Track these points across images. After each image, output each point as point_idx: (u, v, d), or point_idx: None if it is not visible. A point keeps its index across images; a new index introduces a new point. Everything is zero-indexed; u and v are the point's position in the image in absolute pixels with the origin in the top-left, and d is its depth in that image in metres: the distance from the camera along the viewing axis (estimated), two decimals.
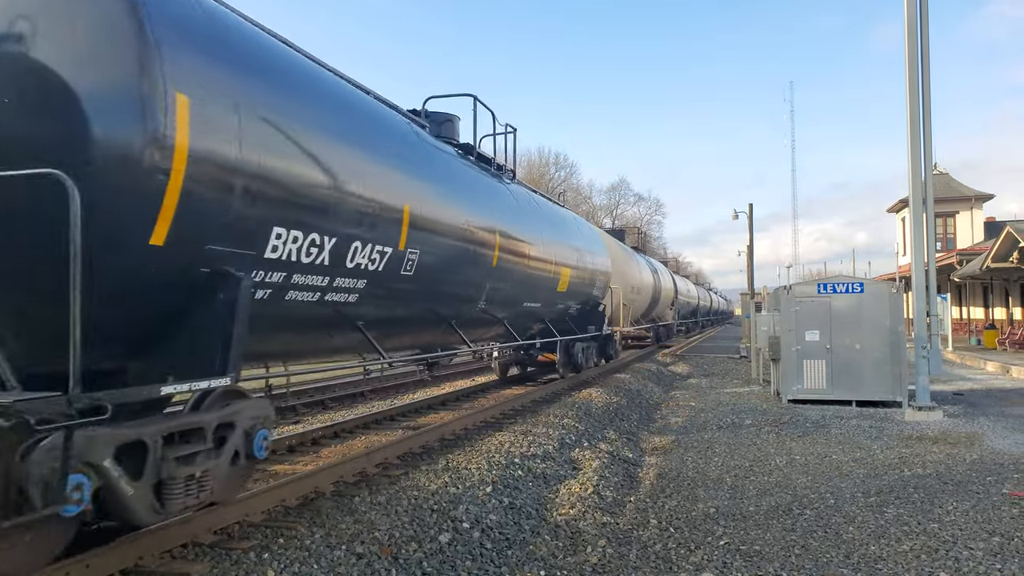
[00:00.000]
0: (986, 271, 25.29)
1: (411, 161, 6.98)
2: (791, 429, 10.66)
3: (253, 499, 5.37)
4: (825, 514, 6.44)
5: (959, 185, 40.07)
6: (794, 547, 5.62)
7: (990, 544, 5.59)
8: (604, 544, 5.65)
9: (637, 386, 15.35)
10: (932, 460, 8.54)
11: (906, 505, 6.67)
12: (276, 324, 5.43)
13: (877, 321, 12.63)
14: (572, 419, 10.33)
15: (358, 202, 5.68)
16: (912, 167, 12.15)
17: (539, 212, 11.41)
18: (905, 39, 12.09)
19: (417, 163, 7.10)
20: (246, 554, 4.54)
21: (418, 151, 7.29)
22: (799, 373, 13.03)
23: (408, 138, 7.20)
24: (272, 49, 5.32)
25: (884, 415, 11.76)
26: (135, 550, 4.29)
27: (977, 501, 6.76)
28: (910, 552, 5.45)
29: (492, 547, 5.43)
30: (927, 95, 12.17)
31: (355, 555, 4.77)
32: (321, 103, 5.64)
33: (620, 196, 74.37)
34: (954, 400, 13.72)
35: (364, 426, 9.64)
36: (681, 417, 12.22)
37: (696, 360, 24.24)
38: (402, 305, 7.25)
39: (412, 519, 5.53)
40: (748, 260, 37.60)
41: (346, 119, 5.96)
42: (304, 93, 5.42)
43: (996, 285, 31.56)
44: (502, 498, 6.40)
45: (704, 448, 9.45)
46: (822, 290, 13.08)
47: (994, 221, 37.96)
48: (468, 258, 8.18)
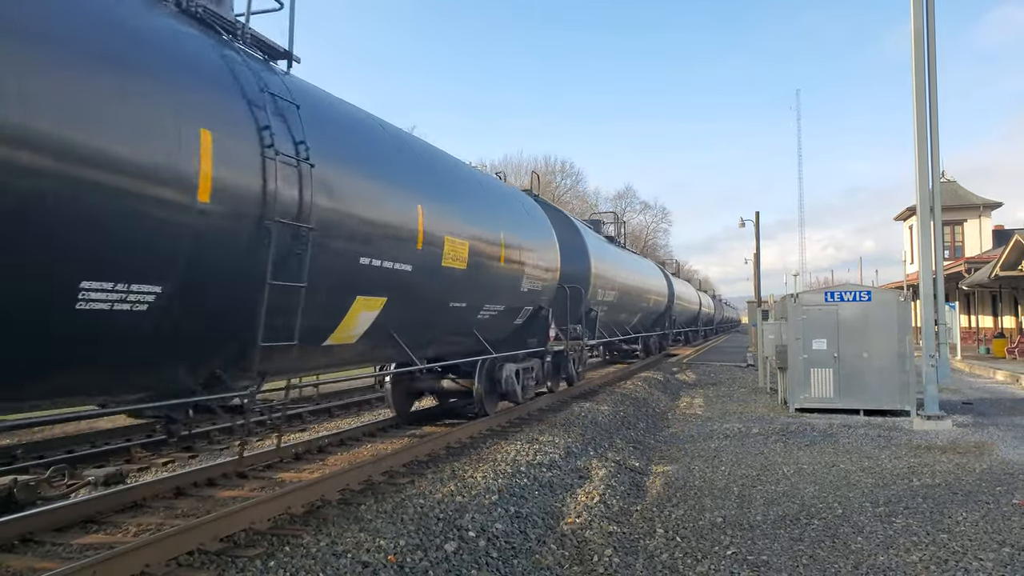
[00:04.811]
0: (995, 279, 25.15)
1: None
2: (798, 438, 10.60)
3: (259, 506, 5.38)
4: (833, 524, 6.40)
5: (967, 193, 39.91)
6: (802, 557, 5.58)
7: (1000, 555, 5.54)
8: (610, 553, 5.62)
9: (643, 395, 15.30)
10: (941, 470, 8.48)
11: (915, 515, 6.62)
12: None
13: (885, 330, 12.57)
14: (578, 428, 10.30)
15: None
16: (919, 175, 12.12)
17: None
18: (912, 47, 12.09)
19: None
20: (252, 561, 4.54)
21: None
22: (806, 382, 12.97)
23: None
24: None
25: (892, 424, 11.69)
26: (141, 557, 4.30)
27: (987, 511, 6.70)
28: (919, 563, 5.40)
29: (498, 556, 5.41)
30: (934, 103, 12.15)
31: (360, 563, 4.76)
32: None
33: (626, 204, 74.34)
34: (963, 409, 13.63)
35: (370, 434, 9.64)
36: (687, 426, 12.17)
37: (703, 368, 24.15)
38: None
39: (418, 527, 5.52)
40: (755, 268, 37.50)
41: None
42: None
43: (1005, 293, 31.36)
44: (508, 507, 6.38)
45: (711, 457, 9.41)
46: (829, 298, 13.03)
47: (1003, 229, 37.79)
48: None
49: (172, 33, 4.81)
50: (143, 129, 4.16)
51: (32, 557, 4.82)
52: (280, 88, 5.63)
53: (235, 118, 4.99)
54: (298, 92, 5.95)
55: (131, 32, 4.40)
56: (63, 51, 3.83)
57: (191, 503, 6.16)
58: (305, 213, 5.45)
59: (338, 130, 6.55)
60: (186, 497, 6.29)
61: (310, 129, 5.75)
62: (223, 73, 5.10)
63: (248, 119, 5.10)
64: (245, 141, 5.01)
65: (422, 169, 7.91)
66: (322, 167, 5.72)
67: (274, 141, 5.19)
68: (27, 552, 4.94)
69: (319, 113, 6.24)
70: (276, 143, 5.20)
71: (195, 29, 5.16)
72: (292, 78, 6.21)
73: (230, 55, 5.35)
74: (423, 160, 8.12)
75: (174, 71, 4.59)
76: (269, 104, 5.33)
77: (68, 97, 3.76)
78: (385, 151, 7.16)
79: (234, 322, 5.14)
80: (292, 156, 5.40)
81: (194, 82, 4.74)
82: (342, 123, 6.73)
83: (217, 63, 5.11)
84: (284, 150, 5.30)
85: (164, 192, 4.28)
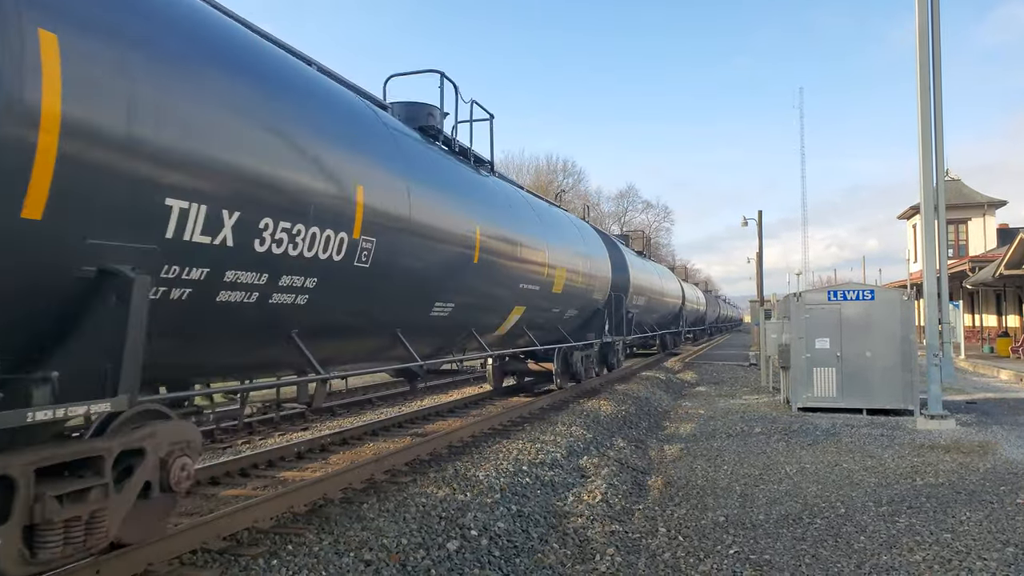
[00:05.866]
0: (999, 278, 25.09)
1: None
2: (801, 437, 10.59)
3: (262, 505, 5.39)
4: (836, 523, 6.39)
5: (971, 191, 39.83)
6: (804, 556, 5.58)
7: (1004, 555, 5.52)
8: (613, 552, 5.62)
9: (645, 394, 15.29)
10: (944, 469, 8.46)
11: (918, 515, 6.61)
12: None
13: (888, 329, 12.54)
14: (580, 427, 10.30)
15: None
16: (923, 173, 12.08)
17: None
18: (916, 45, 12.05)
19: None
20: (255, 560, 4.55)
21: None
22: (809, 381, 12.95)
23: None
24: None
25: (895, 424, 11.66)
26: (144, 556, 4.31)
27: (991, 511, 6.69)
28: (923, 562, 5.39)
29: (500, 555, 5.42)
30: (939, 101, 12.11)
31: (363, 562, 4.77)
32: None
33: (628, 203, 74.30)
34: (967, 409, 13.59)
35: (372, 433, 9.66)
36: (690, 425, 12.16)
37: (705, 368, 24.13)
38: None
39: (420, 526, 5.52)
40: (757, 267, 37.44)
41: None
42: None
43: (1009, 292, 31.28)
44: (510, 505, 6.39)
45: (713, 456, 9.40)
46: (832, 297, 13.00)
47: (1007, 228, 37.69)
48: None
49: (443, 157, 8.16)
50: (459, 224, 7.72)
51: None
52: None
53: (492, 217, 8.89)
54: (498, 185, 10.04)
55: (441, 165, 7.93)
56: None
57: (194, 502, 6.18)
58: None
59: (511, 208, 9.92)
60: (189, 496, 6.30)
61: (519, 210, 10.39)
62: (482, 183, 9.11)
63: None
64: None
65: (548, 224, 11.56)
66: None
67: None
68: None
69: (512, 198, 10.29)
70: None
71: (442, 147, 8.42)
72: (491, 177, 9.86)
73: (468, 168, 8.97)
74: (548, 218, 11.93)
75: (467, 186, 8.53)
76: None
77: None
78: (530, 217, 10.77)
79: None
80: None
81: (472, 189, 8.65)
82: (512, 201, 10.20)
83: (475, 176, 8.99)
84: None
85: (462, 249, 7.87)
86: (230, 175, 4.26)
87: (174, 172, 3.85)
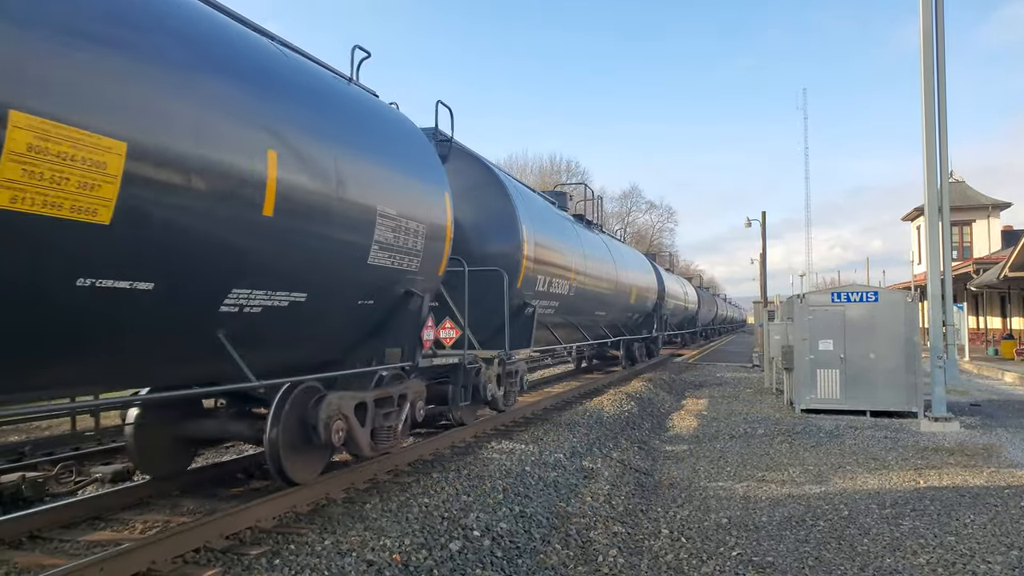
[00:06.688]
0: (1004, 280, 25.00)
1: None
2: (804, 439, 10.56)
3: (264, 505, 5.39)
4: (839, 526, 6.37)
5: (976, 193, 39.69)
6: (807, 559, 5.56)
7: (1008, 558, 5.50)
8: (615, 554, 5.61)
9: (649, 394, 15.27)
10: (949, 472, 8.43)
11: (922, 517, 6.59)
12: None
13: (892, 330, 12.50)
14: (583, 427, 10.29)
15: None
16: (927, 175, 12.05)
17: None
18: (920, 47, 12.01)
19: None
20: (257, 560, 4.55)
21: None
22: (812, 383, 12.92)
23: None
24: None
25: (899, 426, 11.63)
26: (148, 554, 4.32)
27: (995, 514, 6.66)
28: (926, 565, 5.37)
29: (502, 555, 5.41)
30: (943, 102, 12.07)
31: (365, 562, 4.77)
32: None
33: (632, 203, 74.17)
34: (971, 411, 13.55)
35: None
36: (693, 426, 12.14)
37: (708, 369, 24.10)
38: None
39: (423, 526, 5.52)
40: (761, 268, 37.40)
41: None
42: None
43: (1014, 294, 31.17)
44: (513, 506, 6.38)
45: (716, 457, 9.38)
46: (836, 299, 12.97)
47: (1011, 230, 37.53)
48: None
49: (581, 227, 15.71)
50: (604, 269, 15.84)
51: (39, 554, 4.84)
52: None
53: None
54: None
55: (586, 236, 15.29)
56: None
57: (197, 501, 6.18)
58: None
59: (608, 251, 16.75)
60: (192, 495, 6.31)
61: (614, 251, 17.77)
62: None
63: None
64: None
65: (623, 257, 18.46)
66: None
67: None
68: (35, 549, 4.96)
69: (606, 244, 17.05)
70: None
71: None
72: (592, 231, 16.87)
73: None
74: (613, 247, 17.61)
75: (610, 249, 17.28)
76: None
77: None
78: (636, 259, 19.87)
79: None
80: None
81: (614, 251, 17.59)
82: (610, 247, 17.36)
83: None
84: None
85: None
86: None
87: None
